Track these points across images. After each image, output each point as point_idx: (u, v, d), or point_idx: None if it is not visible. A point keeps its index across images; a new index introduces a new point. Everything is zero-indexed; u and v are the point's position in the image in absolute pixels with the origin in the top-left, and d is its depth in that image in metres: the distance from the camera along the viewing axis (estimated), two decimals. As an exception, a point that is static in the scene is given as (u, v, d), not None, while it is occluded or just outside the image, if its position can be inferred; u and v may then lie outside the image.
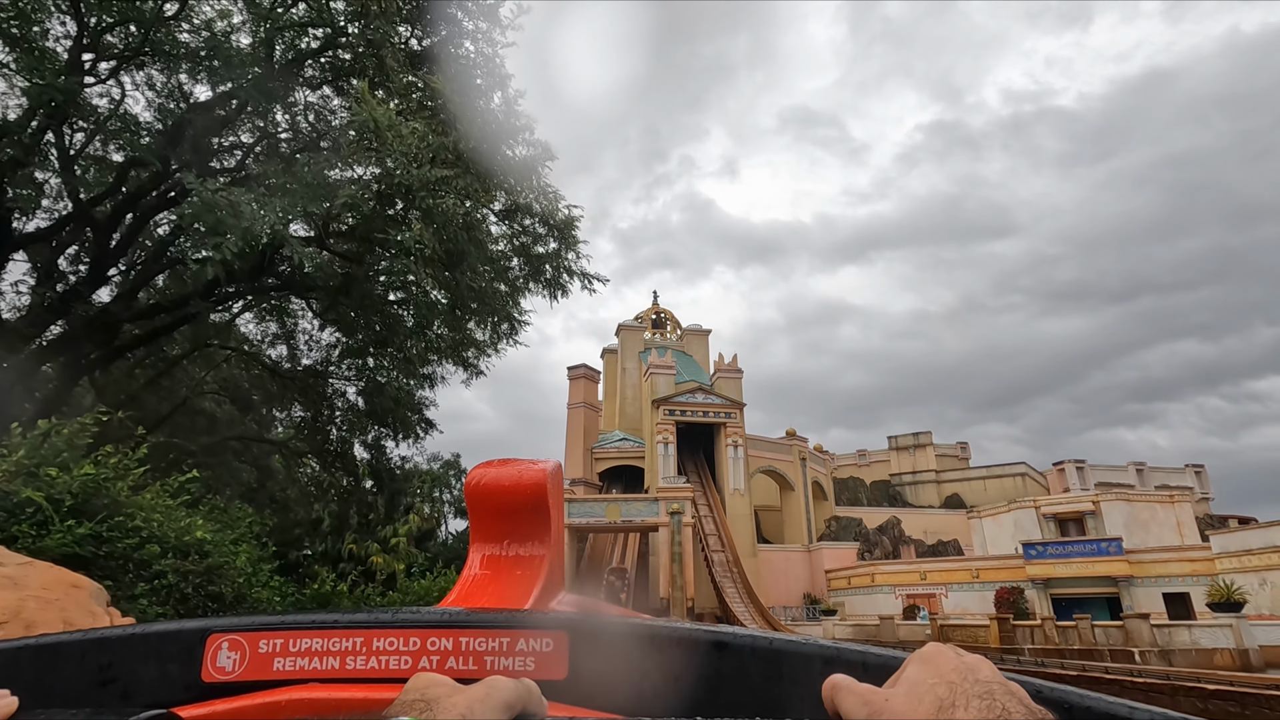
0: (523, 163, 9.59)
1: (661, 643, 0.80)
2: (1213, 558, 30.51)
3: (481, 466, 1.37)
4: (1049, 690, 0.61)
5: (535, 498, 1.30)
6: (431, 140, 8.28)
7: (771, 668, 0.75)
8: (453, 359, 18.05)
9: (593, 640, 0.82)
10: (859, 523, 51.86)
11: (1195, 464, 60.23)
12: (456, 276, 11.17)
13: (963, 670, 0.50)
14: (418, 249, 8.50)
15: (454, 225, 8.48)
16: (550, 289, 11.48)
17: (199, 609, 5.93)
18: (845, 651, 0.73)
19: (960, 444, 66.86)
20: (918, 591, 39.24)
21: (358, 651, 0.83)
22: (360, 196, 8.29)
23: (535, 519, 1.32)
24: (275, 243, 9.15)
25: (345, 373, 20.80)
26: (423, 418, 21.49)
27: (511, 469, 1.34)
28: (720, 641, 0.78)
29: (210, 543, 6.14)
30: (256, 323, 20.95)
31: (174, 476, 6.67)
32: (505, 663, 0.82)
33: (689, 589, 37.76)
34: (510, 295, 12.32)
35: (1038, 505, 39.21)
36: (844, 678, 0.54)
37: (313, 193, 9.13)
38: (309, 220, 9.06)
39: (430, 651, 0.83)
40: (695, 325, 63.08)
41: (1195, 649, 21.26)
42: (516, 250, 11.55)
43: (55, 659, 0.83)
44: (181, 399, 17.40)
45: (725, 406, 48.86)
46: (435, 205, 7.95)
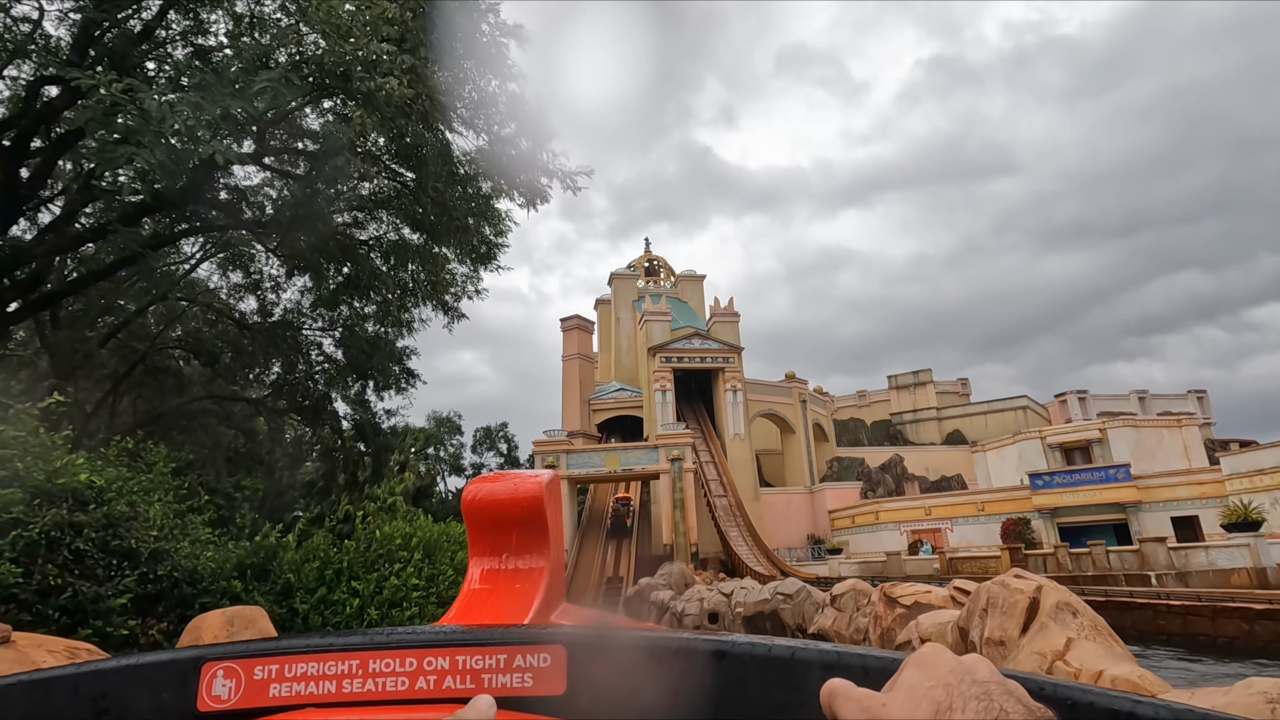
0: (484, 48, 8.20)
1: (660, 654, 0.81)
2: (1222, 479, 30.05)
3: (477, 482, 1.36)
4: (1050, 687, 0.61)
5: (532, 510, 1.31)
6: (368, 11, 6.89)
7: (771, 675, 0.75)
8: (431, 300, 16.84)
9: (591, 653, 0.84)
10: (861, 462, 51.54)
11: (1197, 389, 59.83)
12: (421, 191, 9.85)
13: (959, 671, 0.50)
14: (360, 142, 7.22)
15: (402, 114, 7.18)
16: (527, 196, 10.18)
17: (100, 570, 4.86)
18: (846, 656, 0.72)
19: (960, 380, 66.32)
20: (922, 527, 39.03)
21: (354, 674, 0.84)
22: (282, 82, 6.94)
23: (533, 531, 1.31)
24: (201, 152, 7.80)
25: (319, 323, 19.63)
26: (405, 368, 20.42)
27: (507, 483, 1.34)
28: (719, 650, 0.78)
29: (108, 489, 5.05)
30: (220, 274, 19.61)
31: (49, 400, 5.53)
32: (503, 680, 0.84)
33: (692, 535, 37.45)
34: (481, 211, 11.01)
35: (1043, 435, 38.66)
36: (841, 683, 0.54)
37: (233, 91, 7.72)
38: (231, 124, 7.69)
39: (427, 671, 0.84)
40: (689, 271, 61.63)
41: (1212, 570, 20.78)
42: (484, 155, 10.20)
43: (48, 694, 0.85)
44: (140, 355, 16.18)
45: (722, 351, 47.86)
46: (376, 88, 6.64)
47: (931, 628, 5.40)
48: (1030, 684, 0.58)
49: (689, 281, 59.60)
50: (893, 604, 6.89)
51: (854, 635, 6.99)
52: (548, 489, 1.42)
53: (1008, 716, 0.44)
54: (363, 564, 6.22)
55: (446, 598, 6.64)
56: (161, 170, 8.54)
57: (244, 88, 8.16)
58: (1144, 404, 57.28)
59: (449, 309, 16.86)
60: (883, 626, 6.76)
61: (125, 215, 9.35)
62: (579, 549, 38.87)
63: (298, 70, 7.12)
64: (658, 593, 17.28)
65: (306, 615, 5.65)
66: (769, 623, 10.55)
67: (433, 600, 6.36)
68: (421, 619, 6.01)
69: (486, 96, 8.58)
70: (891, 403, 64.76)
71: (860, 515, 42.08)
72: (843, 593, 8.68)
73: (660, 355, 46.40)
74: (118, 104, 7.00)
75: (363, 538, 6.51)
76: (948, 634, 4.90)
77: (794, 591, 10.27)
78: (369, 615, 5.71)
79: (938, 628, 5.34)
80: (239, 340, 18.90)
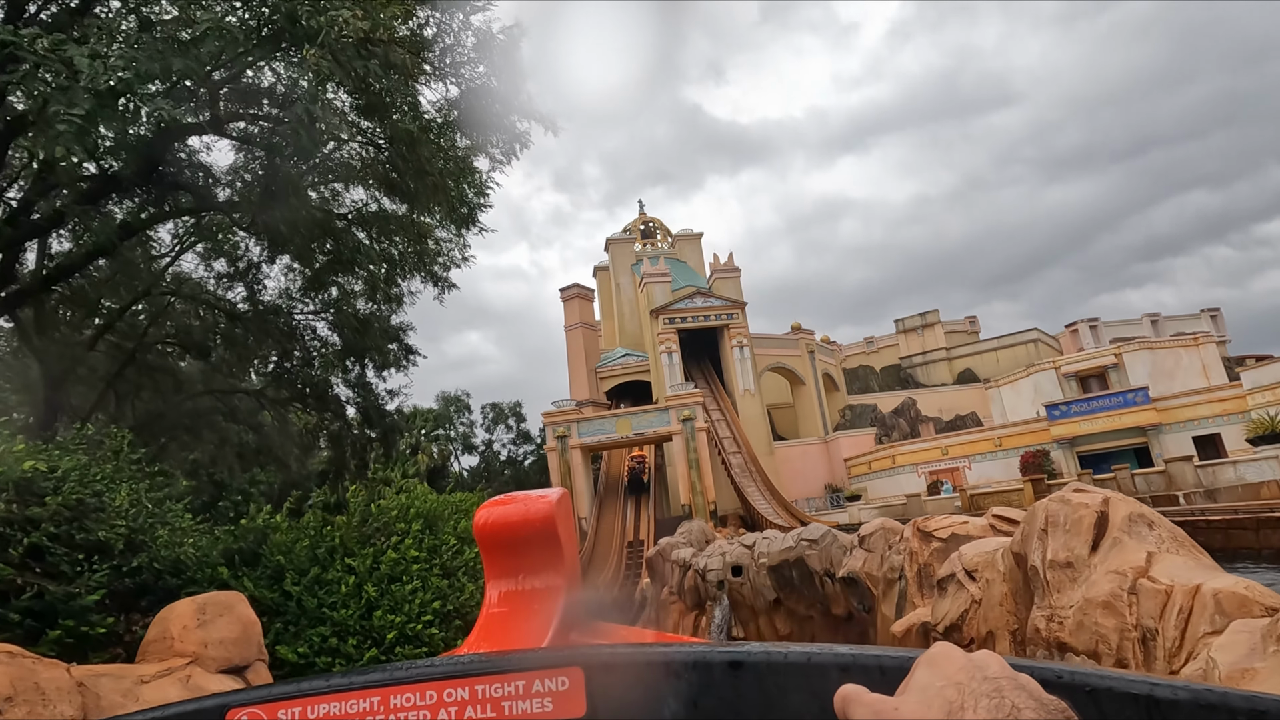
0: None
1: (677, 668, 0.80)
2: (1244, 395, 29.46)
3: (488, 506, 1.47)
4: (1068, 675, 0.60)
5: (545, 529, 1.38)
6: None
7: (789, 681, 0.75)
8: (419, 272, 16.27)
9: (608, 673, 0.84)
10: (873, 408, 51.16)
11: (1210, 308, 58.82)
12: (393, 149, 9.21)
13: (970, 669, 0.50)
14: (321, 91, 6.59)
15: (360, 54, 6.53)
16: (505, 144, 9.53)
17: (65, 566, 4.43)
18: (861, 657, 0.73)
19: (969, 319, 65.45)
20: (940, 467, 38.74)
21: (375, 711, 0.84)
22: (223, 31, 6.29)
23: (547, 550, 1.40)
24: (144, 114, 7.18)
25: (310, 307, 19.15)
26: (403, 345, 19.97)
27: (518, 504, 1.44)
28: (735, 660, 0.78)
29: (65, 479, 4.60)
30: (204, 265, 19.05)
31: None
32: (523, 706, 0.83)
33: (709, 493, 37.33)
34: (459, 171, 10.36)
35: (1057, 366, 38.05)
36: (854, 688, 0.54)
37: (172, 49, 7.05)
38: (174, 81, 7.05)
39: (447, 704, 0.84)
40: (686, 230, 60.52)
41: (1241, 484, 20.35)
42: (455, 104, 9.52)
43: None
44: (129, 354, 15.74)
45: (726, 308, 47.16)
46: (328, 22, 5.99)
47: (977, 557, 4.91)
48: (1046, 673, 0.58)
49: (686, 240, 58.58)
50: (927, 538, 6.43)
51: (888, 574, 6.54)
52: (559, 507, 1.49)
53: (1019, 713, 0.44)
54: (357, 539, 5.80)
55: (451, 567, 6.24)
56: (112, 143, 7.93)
57: (184, 45, 7.50)
58: (1157, 327, 56.38)
59: (438, 279, 16.30)
60: (919, 562, 6.30)
61: (83, 196, 8.78)
62: (598, 516, 38.86)
63: (233, 10, 6.46)
64: (678, 551, 17.00)
65: (299, 598, 5.23)
66: (795, 570, 10.18)
67: (436, 571, 5.95)
68: (424, 593, 5.60)
69: (449, 31, 7.88)
70: (900, 347, 64.08)
71: (877, 460, 41.82)
72: (871, 532, 8.24)
73: (663, 317, 45.78)
74: (43, 61, 6.37)
75: (356, 512, 6.10)
76: (998, 561, 4.41)
77: (819, 536, 9.86)
78: (367, 592, 5.30)
79: (984, 557, 4.86)
80: (230, 331, 18.46)
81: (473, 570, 6.48)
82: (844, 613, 9.13)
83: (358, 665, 5.12)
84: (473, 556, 6.47)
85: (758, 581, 11.55)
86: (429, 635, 5.41)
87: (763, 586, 11.34)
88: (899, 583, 6.46)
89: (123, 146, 8.47)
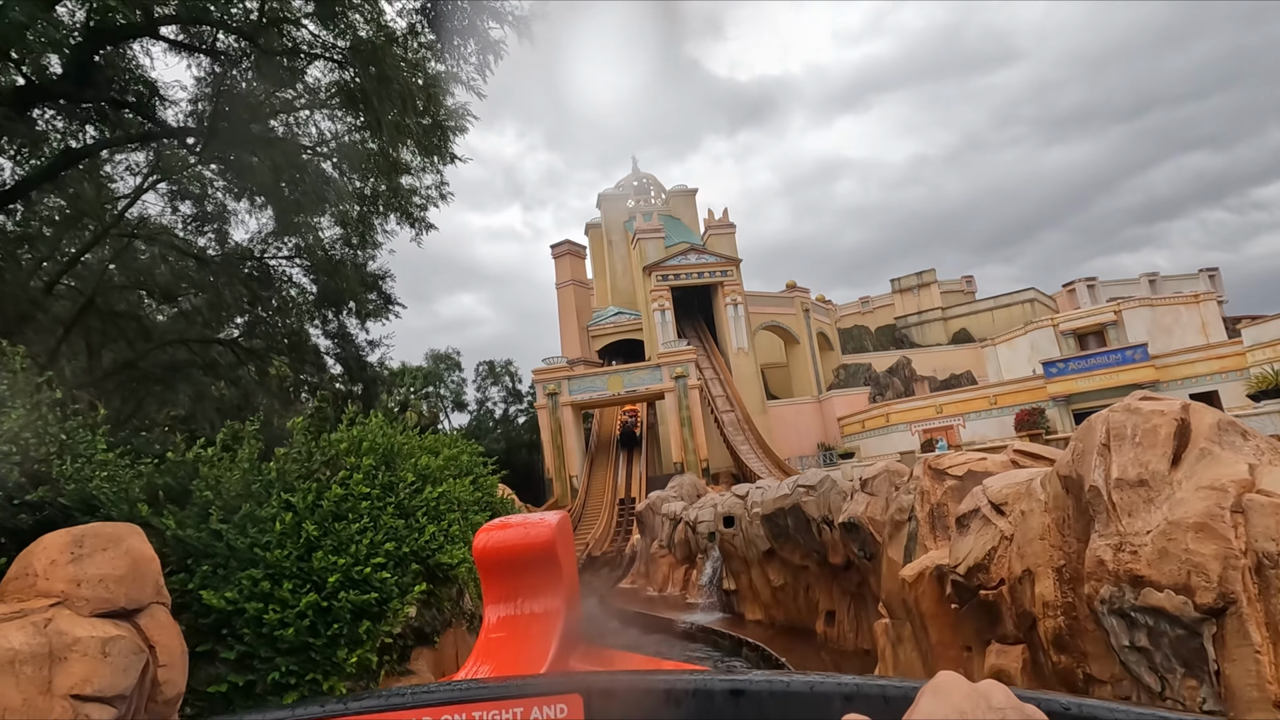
0: None
1: (678, 695, 0.95)
2: (1244, 351, 29.02)
3: (487, 530, 1.93)
4: (1076, 708, 0.64)
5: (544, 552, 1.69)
6: None
7: (791, 709, 0.85)
8: (394, 210, 15.34)
9: (608, 700, 0.97)
10: (868, 367, 50.73)
11: (1208, 268, 58.22)
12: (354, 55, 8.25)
13: (975, 699, 0.52)
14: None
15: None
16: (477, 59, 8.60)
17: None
18: (865, 686, 0.81)
19: (965, 278, 64.69)
20: (934, 425, 38.42)
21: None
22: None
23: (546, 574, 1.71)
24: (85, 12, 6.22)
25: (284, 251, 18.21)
26: (381, 293, 19.12)
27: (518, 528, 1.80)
28: (737, 689, 0.91)
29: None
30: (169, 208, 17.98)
31: None
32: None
33: (701, 451, 37.00)
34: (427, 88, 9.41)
35: (1055, 323, 37.51)
36: (858, 718, 0.56)
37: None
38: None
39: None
40: (680, 186, 59.06)
41: (1243, 439, 19.94)
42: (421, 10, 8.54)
43: None
44: (87, 298, 14.84)
45: (720, 265, 46.18)
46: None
47: (1006, 489, 4.25)
48: (1053, 705, 0.59)
49: (681, 197, 57.19)
50: (941, 476, 5.78)
51: (895, 515, 5.91)
52: (559, 530, 2.31)
53: None
54: (299, 474, 5.11)
55: (409, 507, 5.55)
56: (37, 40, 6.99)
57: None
58: (1155, 287, 55.81)
59: (415, 219, 15.39)
60: (931, 502, 5.66)
61: (8, 104, 7.82)
62: (589, 474, 38.53)
63: None
64: (669, 505, 16.53)
65: (227, 537, 4.54)
66: (790, 518, 9.61)
67: (391, 510, 5.28)
68: (375, 531, 4.92)
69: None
70: (895, 306, 63.41)
71: (870, 419, 41.50)
72: (875, 475, 7.62)
73: (656, 274, 44.82)
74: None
75: (301, 444, 5.40)
76: (1036, 490, 3.74)
77: (817, 482, 9.28)
78: (306, 530, 4.62)
79: (1015, 488, 4.20)
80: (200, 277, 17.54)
81: (435, 511, 5.84)
82: (842, 561, 8.60)
83: (294, 610, 4.47)
84: (435, 496, 5.83)
85: (750, 532, 11.02)
86: (379, 579, 4.78)
87: (755, 537, 10.81)
88: (908, 524, 5.85)
89: (51, 45, 7.51)
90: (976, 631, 4.22)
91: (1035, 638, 3.54)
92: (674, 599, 14.75)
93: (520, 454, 46.11)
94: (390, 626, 4.94)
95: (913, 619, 5.21)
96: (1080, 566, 3.10)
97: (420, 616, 5.68)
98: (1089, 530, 3.02)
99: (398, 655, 5.36)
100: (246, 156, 13.56)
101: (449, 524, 5.91)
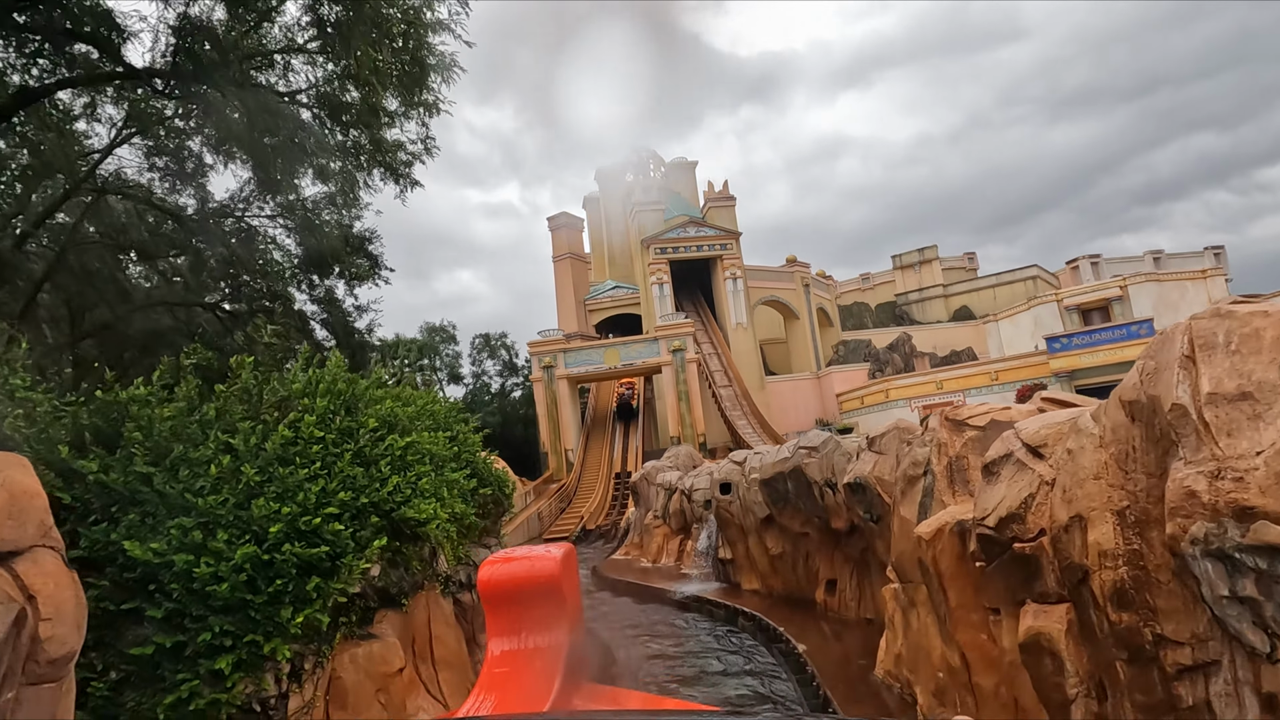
0: None
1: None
2: (1253, 327, 28.51)
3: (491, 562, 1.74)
4: None
5: (549, 587, 1.54)
6: None
7: None
8: (377, 165, 14.63)
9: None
10: (868, 344, 50.16)
11: (1214, 246, 57.47)
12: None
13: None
14: None
15: None
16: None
17: None
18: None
19: (967, 255, 63.91)
20: (934, 401, 37.96)
21: None
22: None
23: (551, 608, 1.55)
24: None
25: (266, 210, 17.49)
26: (368, 255, 18.44)
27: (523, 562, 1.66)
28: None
29: None
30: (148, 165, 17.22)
31: None
32: None
33: (698, 425, 36.57)
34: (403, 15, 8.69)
35: (1059, 298, 36.92)
36: None
37: None
38: None
39: None
40: (680, 158, 57.97)
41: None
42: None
43: None
44: (56, 255, 14.17)
45: (719, 238, 45.40)
46: None
47: (1045, 430, 3.70)
48: None
49: (680, 169, 56.12)
50: (960, 428, 5.22)
51: (909, 471, 5.36)
52: (563, 564, 1.94)
53: None
54: (244, 415, 4.55)
55: (371, 456, 5.00)
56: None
57: None
58: (1159, 265, 55.10)
59: (399, 175, 14.68)
60: (949, 455, 5.11)
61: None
62: (584, 448, 38.13)
63: None
64: (664, 475, 16.05)
65: (155, 481, 3.97)
66: (790, 482, 9.10)
67: (348, 455, 4.72)
68: (330, 479, 4.36)
69: None
70: (896, 283, 62.69)
71: (870, 395, 41.06)
72: (883, 433, 7.08)
73: (654, 246, 44.06)
74: None
75: (252, 381, 4.83)
76: (1089, 424, 3.17)
77: (820, 443, 8.75)
78: (245, 474, 4.06)
79: (1056, 428, 3.64)
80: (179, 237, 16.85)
81: (402, 462, 5.28)
82: (845, 526, 8.10)
83: (229, 563, 3.93)
84: (402, 445, 5.27)
85: (748, 498, 10.52)
86: (331, 532, 4.24)
87: (753, 503, 10.31)
88: (923, 479, 5.31)
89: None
90: (1007, 591, 3.69)
91: (1086, 594, 3.01)
92: (668, 570, 14.32)
93: (516, 428, 45.68)
94: (345, 584, 4.41)
95: (929, 581, 4.70)
96: (1150, 506, 2.57)
97: (385, 576, 5.16)
98: (1165, 461, 2.48)
99: (357, 617, 4.84)
100: (219, 101, 12.83)
101: (417, 476, 5.36)
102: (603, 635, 9.44)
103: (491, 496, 8.41)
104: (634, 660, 8.54)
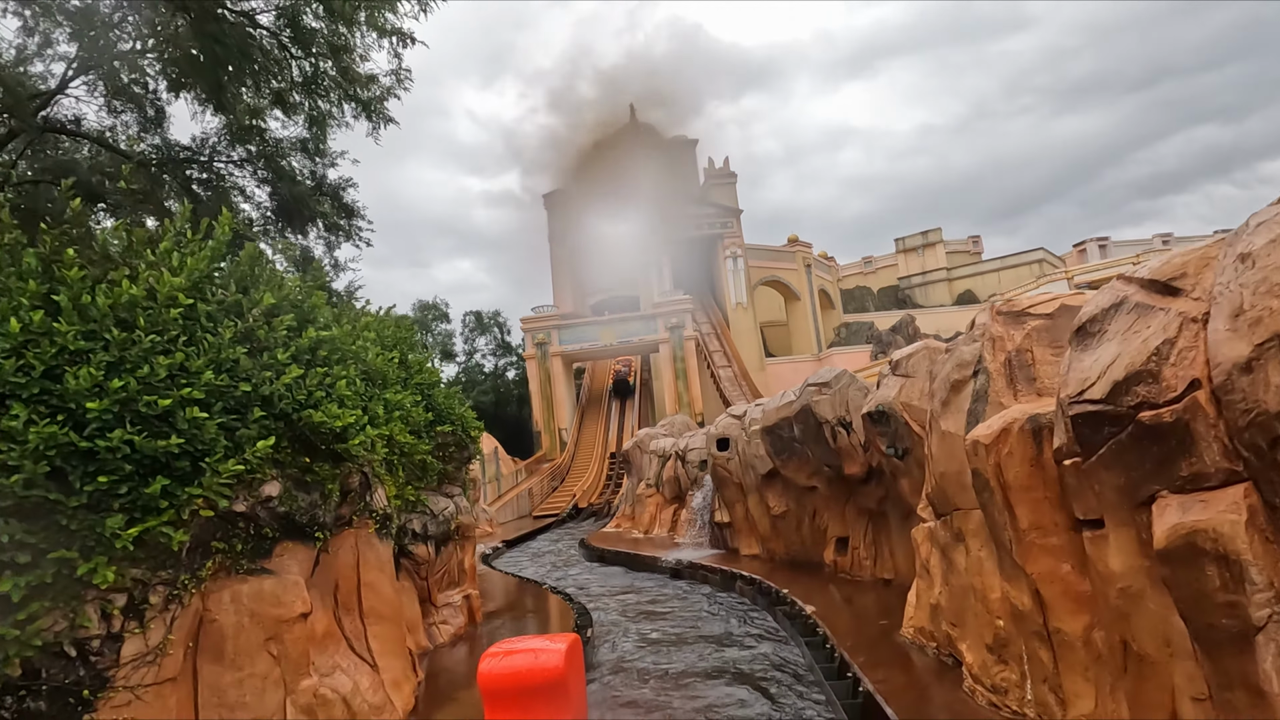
0: None
1: None
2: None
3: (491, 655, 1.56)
4: None
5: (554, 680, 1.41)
6: None
7: None
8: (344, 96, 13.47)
9: None
10: (870, 326, 48.98)
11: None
12: None
13: None
14: None
15: None
16: None
17: None
18: None
19: (972, 238, 62.62)
20: (938, 382, 37.01)
21: None
22: None
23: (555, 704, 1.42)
24: None
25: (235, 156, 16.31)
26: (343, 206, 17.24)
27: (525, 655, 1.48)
28: None
29: None
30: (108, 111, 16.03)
31: None
32: None
33: (696, 404, 35.45)
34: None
35: (1069, 275, 35.86)
36: None
37: None
38: None
39: None
40: (680, 135, 56.54)
41: None
42: None
43: None
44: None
45: (720, 216, 44.16)
46: None
47: (1182, 260, 2.56)
48: None
49: (680, 147, 54.70)
50: (1019, 319, 4.12)
51: (953, 376, 4.25)
52: (568, 657, 1.76)
53: None
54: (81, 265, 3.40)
55: (263, 340, 3.87)
56: None
57: None
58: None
59: (371, 110, 13.51)
60: (1008, 349, 3.98)
61: None
62: (579, 427, 37.07)
63: None
64: (657, 441, 14.97)
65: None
66: (798, 426, 7.99)
67: (228, 332, 3.58)
68: (196, 355, 3.23)
69: None
70: (899, 266, 61.46)
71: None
72: (911, 353, 5.96)
73: (653, 222, 42.73)
74: None
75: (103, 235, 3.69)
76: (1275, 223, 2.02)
77: (833, 378, 7.64)
78: (61, 335, 2.92)
79: (1198, 252, 2.49)
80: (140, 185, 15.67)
81: (313, 358, 4.16)
82: (861, 471, 6.99)
83: (24, 447, 2.79)
84: (312, 338, 4.14)
85: (748, 453, 9.41)
86: (190, 418, 3.12)
87: (754, 458, 9.20)
88: (972, 382, 4.19)
89: None
90: (1124, 487, 2.58)
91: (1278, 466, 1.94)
92: (661, 540, 13.25)
93: (510, 408, 44.61)
94: (211, 493, 3.29)
95: (988, 502, 3.59)
96: None
97: (289, 499, 4.03)
98: None
99: (245, 546, 3.71)
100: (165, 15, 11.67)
101: (332, 380, 4.23)
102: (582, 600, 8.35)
103: (453, 437, 7.29)
104: (622, 627, 7.46)
